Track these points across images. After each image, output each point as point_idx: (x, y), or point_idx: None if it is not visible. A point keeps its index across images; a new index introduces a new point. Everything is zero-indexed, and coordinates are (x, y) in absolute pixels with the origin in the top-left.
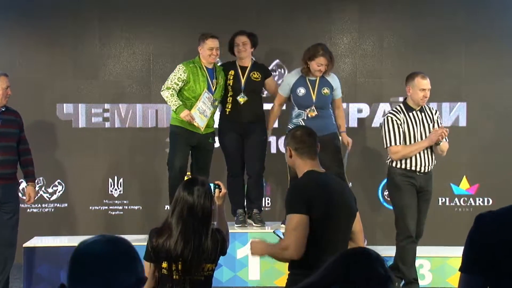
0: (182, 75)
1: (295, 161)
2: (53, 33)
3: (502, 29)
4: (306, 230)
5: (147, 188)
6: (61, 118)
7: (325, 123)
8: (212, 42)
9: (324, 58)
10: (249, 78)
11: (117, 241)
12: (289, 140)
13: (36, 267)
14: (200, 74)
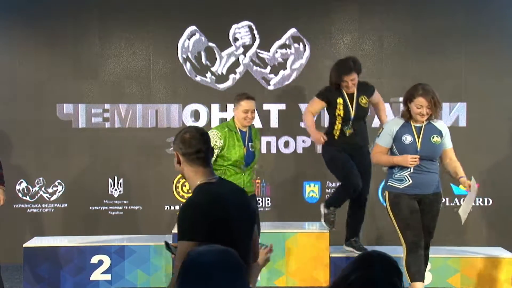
0: (218, 142)
1: (184, 169)
2: (53, 33)
3: (502, 29)
4: None
5: (147, 188)
6: (61, 118)
7: (431, 178)
8: (247, 104)
9: (424, 99)
10: (358, 105)
11: (225, 252)
12: (177, 144)
13: (36, 267)
14: (235, 138)
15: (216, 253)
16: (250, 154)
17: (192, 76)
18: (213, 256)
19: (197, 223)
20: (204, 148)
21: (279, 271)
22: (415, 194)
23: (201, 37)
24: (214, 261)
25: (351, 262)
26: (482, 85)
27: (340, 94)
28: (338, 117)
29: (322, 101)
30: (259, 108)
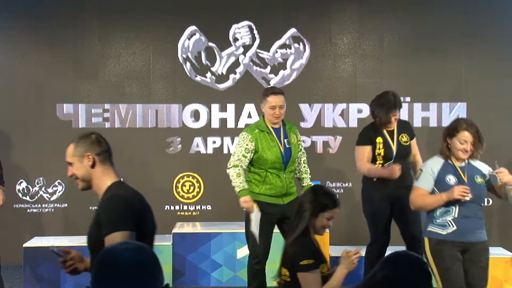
0: (249, 145)
1: (96, 171)
2: (53, 33)
3: (502, 29)
4: None
5: (147, 188)
6: (61, 118)
7: (478, 225)
8: (274, 99)
9: (469, 134)
10: (400, 144)
11: (140, 249)
12: (88, 146)
13: (36, 267)
14: (268, 139)
15: (132, 249)
16: (288, 151)
17: (192, 76)
18: (129, 253)
19: (126, 213)
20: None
21: None
22: (459, 242)
23: (201, 37)
24: (129, 257)
25: (379, 262)
26: (482, 85)
27: (379, 132)
28: (379, 157)
29: (367, 146)
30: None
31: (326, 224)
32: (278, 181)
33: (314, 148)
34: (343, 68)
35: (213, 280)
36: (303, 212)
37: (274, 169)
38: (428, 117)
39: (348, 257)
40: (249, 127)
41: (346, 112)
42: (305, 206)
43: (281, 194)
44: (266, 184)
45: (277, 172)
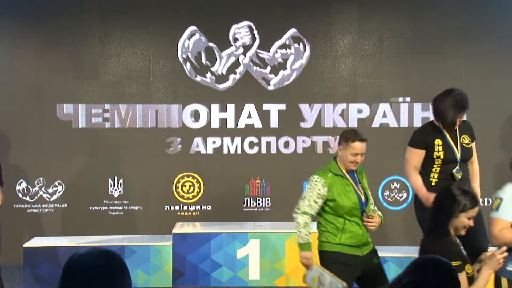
0: (321, 190)
1: None
2: (53, 33)
3: (502, 29)
4: None
5: (147, 188)
6: (61, 118)
7: None
8: (360, 146)
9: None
10: (462, 146)
11: (106, 254)
12: None
13: (36, 267)
14: (343, 183)
15: (97, 256)
16: (364, 196)
17: (192, 76)
18: (94, 259)
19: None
20: None
21: (279, 271)
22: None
23: (201, 37)
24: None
25: (407, 266)
26: (482, 85)
27: (439, 134)
28: (437, 160)
29: (421, 150)
30: (259, 108)
31: (467, 224)
32: (358, 229)
33: (314, 148)
34: (343, 68)
35: (213, 280)
36: (442, 212)
37: (352, 216)
38: (428, 117)
39: (493, 257)
40: (320, 170)
41: (346, 112)
42: (445, 206)
43: (361, 243)
44: (346, 232)
45: (354, 220)
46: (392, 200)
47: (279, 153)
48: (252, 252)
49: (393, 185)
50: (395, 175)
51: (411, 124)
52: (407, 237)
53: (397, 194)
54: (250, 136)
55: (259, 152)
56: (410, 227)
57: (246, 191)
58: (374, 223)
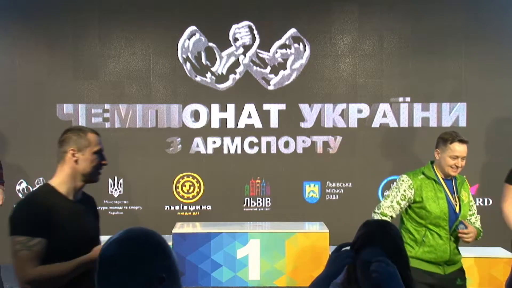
0: (407, 192)
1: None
2: (53, 33)
3: (502, 29)
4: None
5: (147, 188)
6: (61, 118)
7: None
8: (460, 147)
9: None
10: None
11: (132, 241)
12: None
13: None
14: (436, 188)
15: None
16: (454, 209)
17: (192, 76)
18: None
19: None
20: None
21: (279, 271)
22: None
23: (201, 37)
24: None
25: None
26: (482, 85)
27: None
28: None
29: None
30: (259, 108)
31: None
32: (440, 243)
33: (314, 148)
34: (343, 68)
35: (213, 280)
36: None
37: (436, 226)
38: (428, 117)
39: None
40: (412, 171)
41: (346, 112)
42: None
43: (443, 260)
44: (425, 246)
45: (439, 231)
46: None
47: (279, 153)
48: (252, 252)
49: (393, 185)
50: (395, 175)
51: (411, 124)
52: None
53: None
54: (250, 136)
55: (259, 152)
56: None
57: (246, 191)
58: (469, 234)
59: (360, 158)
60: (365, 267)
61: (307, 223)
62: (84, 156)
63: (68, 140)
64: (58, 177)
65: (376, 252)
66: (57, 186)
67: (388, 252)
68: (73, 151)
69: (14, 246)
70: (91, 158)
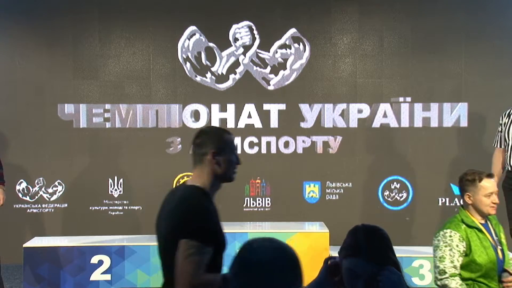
0: (460, 246)
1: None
2: (53, 33)
3: (502, 29)
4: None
5: (147, 188)
6: (62, 118)
7: None
8: (490, 183)
9: None
10: None
11: (284, 250)
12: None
13: (36, 267)
14: (480, 237)
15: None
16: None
17: (192, 76)
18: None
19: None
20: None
21: None
22: None
23: (201, 37)
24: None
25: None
26: (482, 85)
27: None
28: None
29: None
30: (259, 108)
31: None
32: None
33: (314, 148)
34: (343, 68)
35: None
36: None
37: (486, 277)
38: (429, 117)
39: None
40: (450, 223)
41: (346, 112)
42: None
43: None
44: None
45: (489, 283)
46: (392, 200)
47: (279, 153)
48: None
49: (393, 185)
50: (395, 175)
51: (412, 124)
52: (407, 237)
53: (397, 194)
54: (250, 136)
55: (259, 152)
56: (409, 227)
57: (246, 191)
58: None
59: (360, 158)
60: (351, 275)
61: (307, 223)
62: (223, 157)
63: (206, 142)
64: (201, 179)
65: (361, 263)
66: (205, 188)
67: (374, 261)
68: (213, 153)
69: (188, 250)
70: (230, 159)
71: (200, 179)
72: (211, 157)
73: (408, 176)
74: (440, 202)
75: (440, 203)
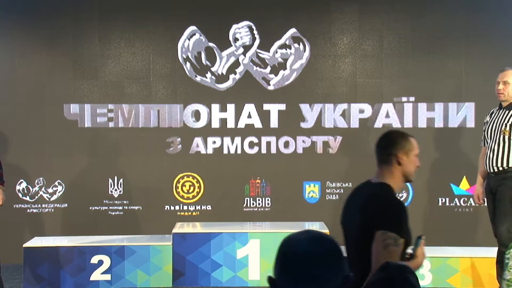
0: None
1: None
2: (53, 33)
3: (502, 29)
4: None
5: (147, 188)
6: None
7: None
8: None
9: None
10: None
11: (322, 239)
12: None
13: (36, 267)
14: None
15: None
16: None
17: (192, 76)
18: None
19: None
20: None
21: None
22: None
23: (201, 37)
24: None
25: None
26: (482, 85)
27: None
28: None
29: None
30: (259, 108)
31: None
32: None
33: (314, 148)
34: (343, 68)
35: (213, 280)
36: None
37: None
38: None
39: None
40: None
41: (346, 112)
42: None
43: None
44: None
45: None
46: None
47: (279, 153)
48: (252, 252)
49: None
50: None
51: (416, 125)
52: None
53: (397, 194)
54: (250, 136)
55: (259, 152)
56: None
57: (246, 191)
58: None
59: (360, 158)
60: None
61: (307, 223)
62: (409, 158)
63: (395, 143)
64: (387, 177)
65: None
66: (391, 186)
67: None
68: (400, 154)
69: (385, 240)
70: (414, 160)
71: (386, 178)
72: (397, 157)
73: None
74: (440, 202)
75: (440, 203)
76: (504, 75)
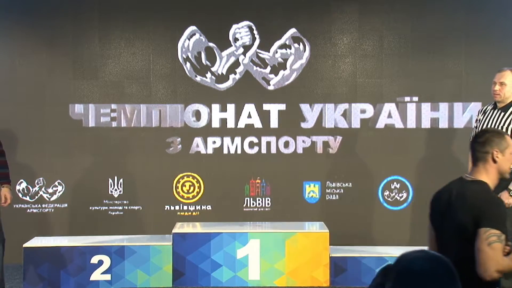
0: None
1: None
2: (53, 33)
3: (502, 29)
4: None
5: (147, 188)
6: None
7: None
8: None
9: None
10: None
11: (438, 260)
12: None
13: (36, 267)
14: None
15: (427, 260)
16: None
17: (192, 76)
18: (424, 264)
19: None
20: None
21: (279, 271)
22: None
23: (201, 37)
24: (425, 269)
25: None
26: (482, 85)
27: None
28: None
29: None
30: (259, 108)
31: None
32: None
33: (314, 148)
34: (343, 68)
35: (213, 280)
36: None
37: None
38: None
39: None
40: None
41: (346, 112)
42: None
43: None
44: None
45: None
46: (392, 200)
47: (279, 153)
48: (252, 252)
49: (393, 185)
50: (395, 175)
51: (419, 125)
52: (407, 237)
53: (397, 194)
54: (250, 136)
55: (259, 152)
56: (409, 227)
57: (246, 191)
58: None
59: (360, 158)
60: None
61: (307, 223)
62: (504, 156)
63: (491, 142)
64: (482, 175)
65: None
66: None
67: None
68: (496, 152)
69: (490, 237)
70: (509, 158)
71: (481, 175)
72: (493, 155)
73: (408, 176)
74: None
75: None
76: (501, 76)
